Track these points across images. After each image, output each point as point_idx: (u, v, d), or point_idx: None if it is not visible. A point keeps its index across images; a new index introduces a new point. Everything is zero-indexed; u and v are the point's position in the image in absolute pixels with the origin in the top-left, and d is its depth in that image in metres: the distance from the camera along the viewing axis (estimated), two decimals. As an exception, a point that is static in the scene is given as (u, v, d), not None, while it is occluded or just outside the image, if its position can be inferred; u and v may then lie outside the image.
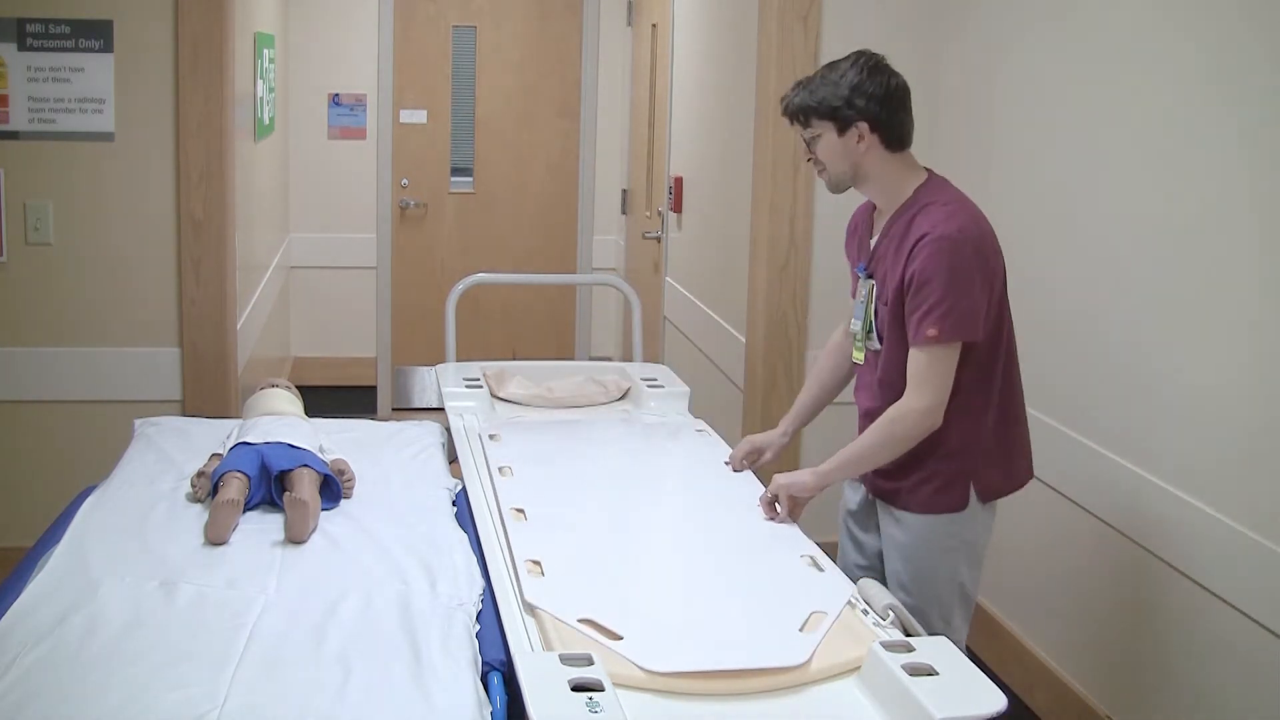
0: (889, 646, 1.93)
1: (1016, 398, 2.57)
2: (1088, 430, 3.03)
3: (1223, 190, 2.54)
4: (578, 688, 1.76)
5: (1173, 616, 2.72)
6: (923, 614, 2.50)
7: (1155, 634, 2.79)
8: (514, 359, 4.35)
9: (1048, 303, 3.19)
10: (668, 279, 5.31)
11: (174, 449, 2.93)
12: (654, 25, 5.82)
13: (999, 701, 1.81)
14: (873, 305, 2.53)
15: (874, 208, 2.60)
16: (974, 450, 2.50)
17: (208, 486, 2.59)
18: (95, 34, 3.68)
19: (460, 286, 4.00)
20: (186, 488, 2.65)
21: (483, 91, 6.56)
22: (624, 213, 6.60)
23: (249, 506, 2.55)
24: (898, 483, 2.55)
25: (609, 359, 6.45)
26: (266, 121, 5.17)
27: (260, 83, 4.90)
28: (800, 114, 2.50)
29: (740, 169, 4.16)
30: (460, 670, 1.92)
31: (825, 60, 3.79)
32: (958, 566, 2.54)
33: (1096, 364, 3.00)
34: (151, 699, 1.79)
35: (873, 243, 2.55)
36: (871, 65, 2.46)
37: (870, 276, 2.54)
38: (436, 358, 4.02)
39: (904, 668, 1.86)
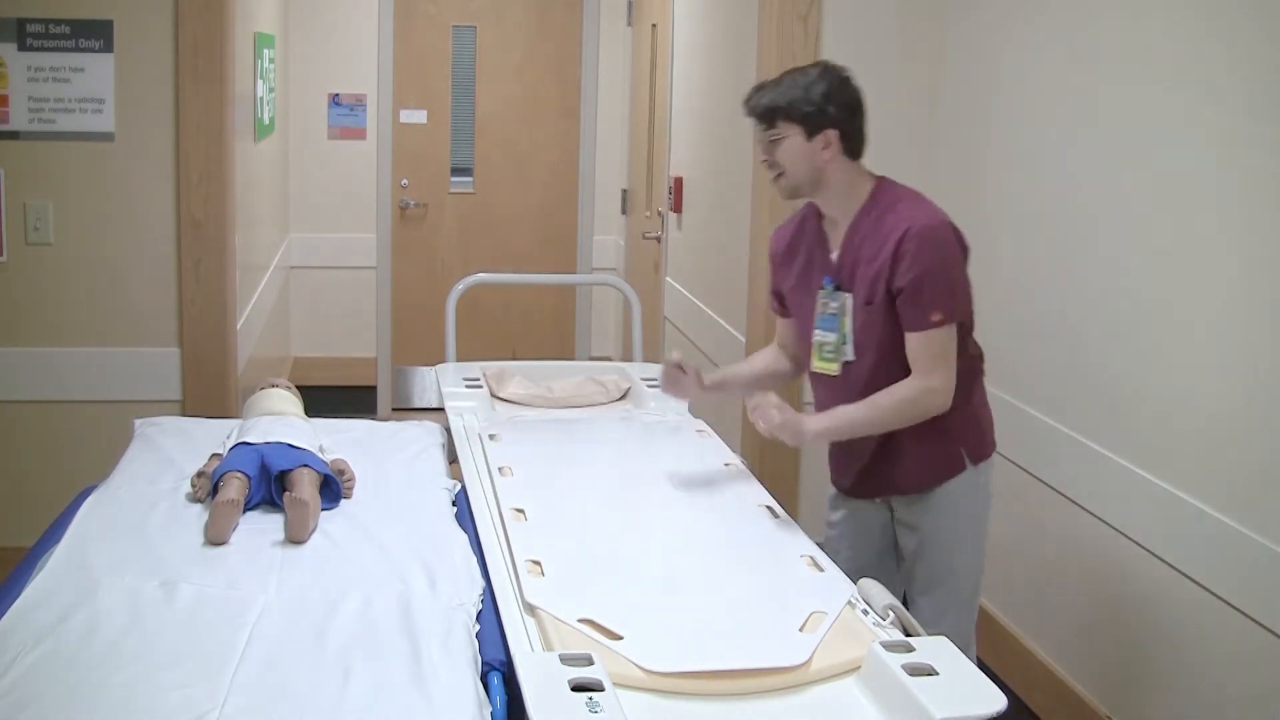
0: (889, 646, 1.93)
1: (979, 365, 2.66)
2: (1088, 431, 3.03)
3: (1216, 191, 2.54)
4: (578, 688, 1.76)
5: (1173, 617, 2.72)
6: (956, 592, 2.63)
7: (1155, 634, 2.79)
8: (514, 359, 4.34)
9: (1048, 305, 3.19)
10: (668, 279, 5.31)
11: (174, 449, 2.92)
12: (654, 25, 5.82)
13: (999, 701, 1.81)
14: (848, 316, 2.58)
15: (818, 224, 2.66)
16: (956, 418, 2.59)
17: (208, 486, 2.59)
18: (95, 34, 3.68)
19: (460, 286, 4.00)
20: (186, 488, 2.65)
21: (483, 91, 6.56)
22: (624, 213, 6.60)
23: (249, 506, 2.55)
24: (893, 468, 2.63)
25: (609, 359, 6.45)
26: (266, 121, 5.17)
27: (260, 83, 4.90)
28: (769, 114, 2.54)
29: (740, 169, 4.16)
30: (460, 670, 1.92)
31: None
32: (966, 535, 2.65)
33: (1098, 366, 3.00)
34: (151, 699, 1.79)
35: (834, 256, 2.60)
36: (842, 78, 2.56)
37: (839, 288, 2.59)
38: (436, 358, 4.01)
39: (904, 668, 1.86)
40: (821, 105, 2.50)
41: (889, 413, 2.53)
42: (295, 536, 2.42)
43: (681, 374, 2.80)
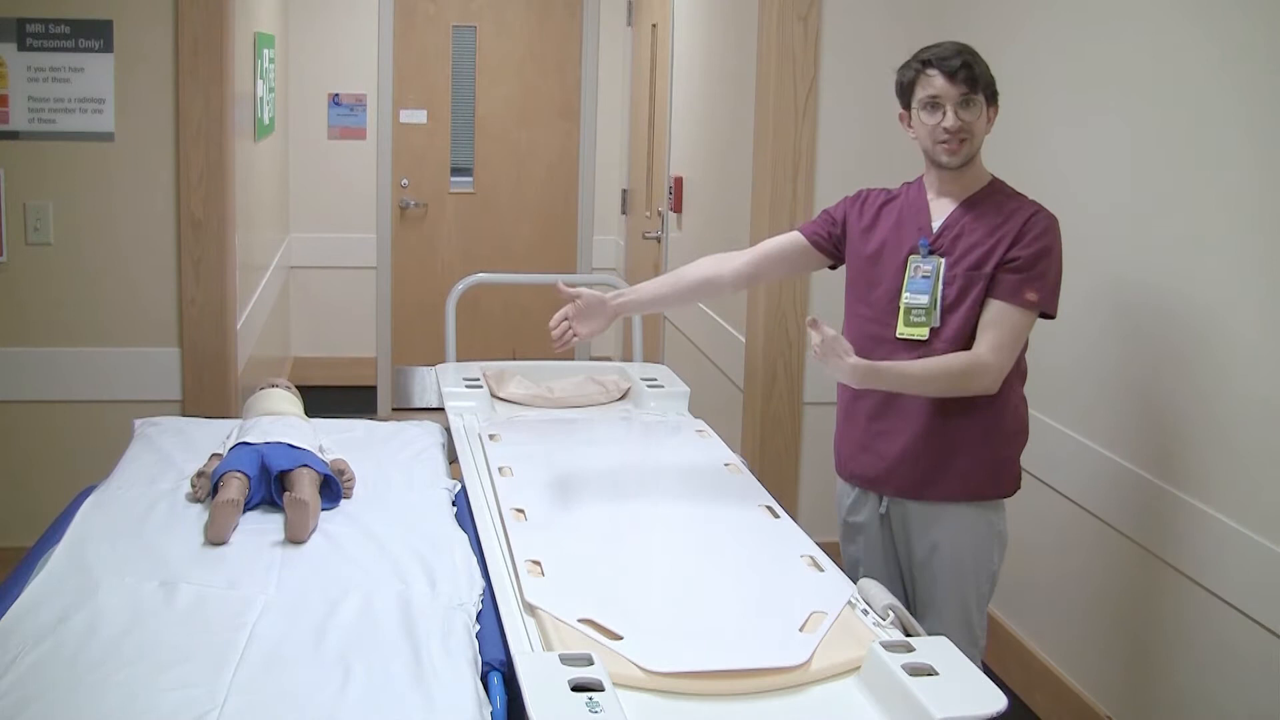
0: (889, 646, 1.93)
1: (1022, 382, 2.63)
2: (1089, 431, 3.03)
3: (1215, 192, 2.54)
4: (578, 688, 1.76)
5: (1173, 616, 2.72)
6: (964, 606, 2.58)
7: (1155, 634, 2.79)
8: (514, 359, 4.34)
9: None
10: (668, 279, 5.30)
11: (174, 449, 2.93)
12: (654, 25, 5.82)
13: (999, 701, 1.81)
14: (940, 281, 2.52)
15: (922, 195, 2.61)
16: (1022, 432, 2.59)
17: (208, 486, 2.59)
18: (95, 34, 3.68)
19: (460, 286, 4.00)
20: (186, 488, 2.65)
21: (483, 91, 6.56)
22: (624, 213, 6.60)
23: (249, 506, 2.55)
24: (943, 468, 2.54)
25: (609, 359, 6.45)
26: (266, 121, 5.17)
27: (260, 83, 4.90)
28: (977, 80, 2.50)
29: (740, 169, 4.16)
30: (460, 670, 1.92)
31: (825, 60, 3.84)
32: (993, 554, 2.62)
33: (1097, 363, 3.00)
34: (151, 699, 1.79)
35: (936, 224, 2.56)
36: None
37: (933, 253, 2.54)
38: (436, 358, 4.02)
39: (904, 668, 1.86)
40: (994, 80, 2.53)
41: (938, 376, 2.44)
42: (295, 536, 2.42)
43: (580, 301, 2.66)
